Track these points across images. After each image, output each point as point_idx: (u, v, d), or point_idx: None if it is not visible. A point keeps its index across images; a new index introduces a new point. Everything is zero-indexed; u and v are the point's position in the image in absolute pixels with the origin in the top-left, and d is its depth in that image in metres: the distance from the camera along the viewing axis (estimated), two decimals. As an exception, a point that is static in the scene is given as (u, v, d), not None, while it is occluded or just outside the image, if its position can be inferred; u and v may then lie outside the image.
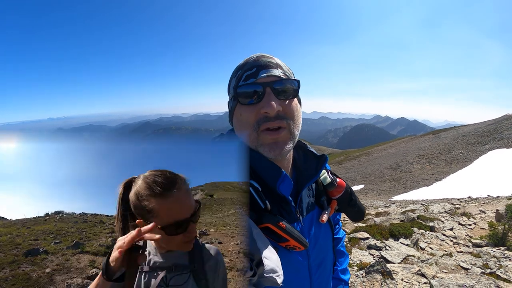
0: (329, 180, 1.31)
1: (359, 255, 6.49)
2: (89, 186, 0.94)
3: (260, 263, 0.93)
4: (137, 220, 0.92)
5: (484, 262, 5.81)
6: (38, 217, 1.06)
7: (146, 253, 0.96)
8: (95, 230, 1.49)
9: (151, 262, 0.95)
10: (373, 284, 5.06)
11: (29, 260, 1.33)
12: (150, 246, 0.99)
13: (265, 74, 1.08)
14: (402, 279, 5.19)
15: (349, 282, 5.31)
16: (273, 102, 1.05)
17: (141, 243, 0.92)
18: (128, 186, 0.95)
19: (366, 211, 12.77)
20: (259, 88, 1.07)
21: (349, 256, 6.51)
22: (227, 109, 1.23)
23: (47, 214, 1.06)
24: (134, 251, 0.84)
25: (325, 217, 1.27)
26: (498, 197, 14.90)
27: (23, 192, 0.94)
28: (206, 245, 1.02)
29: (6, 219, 1.22)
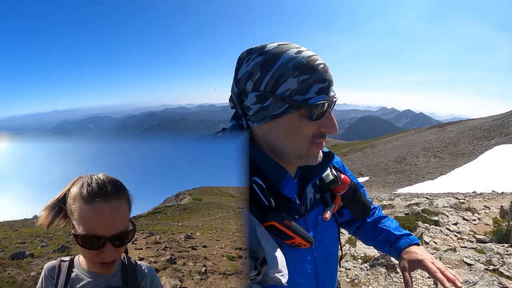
0: (331, 177, 1.31)
1: (363, 248, 6.54)
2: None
3: (264, 262, 0.93)
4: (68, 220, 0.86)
5: (488, 259, 5.84)
6: (26, 219, 1.05)
7: (74, 274, 0.90)
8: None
9: (82, 285, 0.87)
10: (377, 278, 5.12)
11: (15, 263, 1.33)
12: (79, 265, 0.91)
13: (333, 94, 1.04)
14: (406, 273, 5.23)
15: (353, 275, 5.39)
16: (336, 124, 1.06)
17: None
18: None
19: (371, 204, 12.69)
20: (327, 106, 1.02)
21: (354, 249, 6.57)
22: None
23: (35, 216, 1.05)
24: None
25: (328, 214, 1.26)
26: (503, 193, 14.84)
27: (12, 193, 0.91)
28: (139, 262, 0.98)
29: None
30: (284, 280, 0.93)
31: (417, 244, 1.44)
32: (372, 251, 6.39)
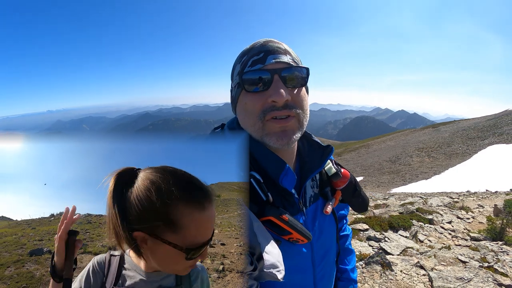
0: (334, 170, 1.28)
1: (358, 246, 6.54)
2: (95, 186, 0.87)
3: (261, 257, 0.90)
4: (136, 233, 0.69)
5: (482, 256, 5.87)
6: (43, 217, 1.03)
7: (125, 270, 0.84)
8: (98, 231, 1.49)
9: (133, 283, 0.81)
10: (373, 275, 5.12)
11: (33, 259, 1.37)
12: (131, 262, 0.84)
13: (273, 60, 1.02)
14: (401, 271, 5.24)
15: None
16: (282, 90, 0.99)
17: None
18: (123, 180, 0.73)
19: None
20: (266, 75, 1.01)
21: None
22: (226, 100, 1.14)
23: (52, 215, 1.02)
24: (71, 235, 0.77)
25: (329, 208, 1.24)
26: (496, 192, 14.97)
27: (29, 193, 0.92)
28: None
29: (11, 219, 1.20)
30: (280, 275, 0.92)
31: None
32: (367, 249, 6.39)
